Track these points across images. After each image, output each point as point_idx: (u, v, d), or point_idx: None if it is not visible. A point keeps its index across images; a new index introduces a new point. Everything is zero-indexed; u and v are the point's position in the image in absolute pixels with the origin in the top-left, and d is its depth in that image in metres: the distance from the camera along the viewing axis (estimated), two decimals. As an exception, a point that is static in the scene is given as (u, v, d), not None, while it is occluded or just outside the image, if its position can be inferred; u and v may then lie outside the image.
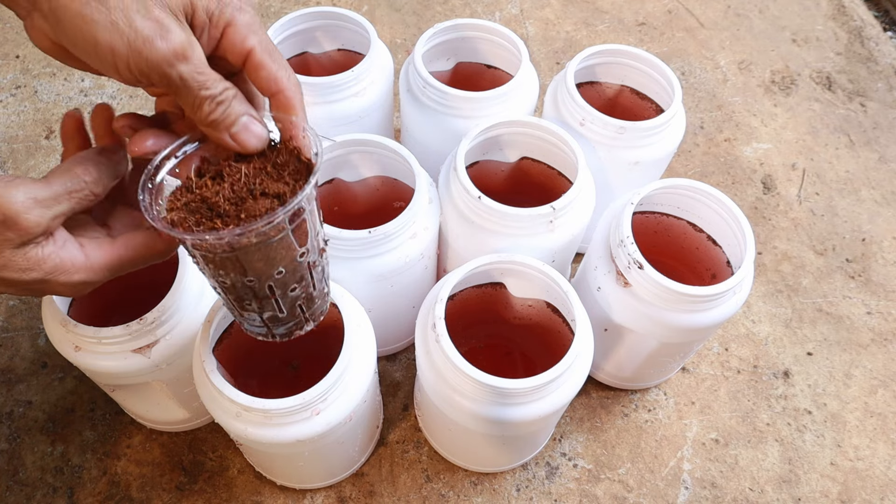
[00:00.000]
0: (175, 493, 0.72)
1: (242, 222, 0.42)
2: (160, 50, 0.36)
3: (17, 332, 0.83)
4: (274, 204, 0.44)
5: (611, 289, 0.65)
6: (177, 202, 0.45)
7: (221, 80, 0.39)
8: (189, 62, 0.37)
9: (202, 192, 0.44)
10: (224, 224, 0.42)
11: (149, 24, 0.35)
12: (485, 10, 1.21)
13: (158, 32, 0.36)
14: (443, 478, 0.74)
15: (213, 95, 0.39)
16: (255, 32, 0.40)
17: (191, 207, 0.44)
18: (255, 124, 0.42)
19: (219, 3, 0.39)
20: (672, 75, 0.75)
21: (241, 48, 0.40)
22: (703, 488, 0.74)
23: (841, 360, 0.84)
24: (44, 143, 1.00)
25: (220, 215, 0.43)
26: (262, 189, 0.45)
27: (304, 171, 0.46)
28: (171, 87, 0.38)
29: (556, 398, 0.57)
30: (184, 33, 0.37)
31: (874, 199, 0.99)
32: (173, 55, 0.36)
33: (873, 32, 1.21)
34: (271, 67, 0.41)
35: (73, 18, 0.35)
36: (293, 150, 0.46)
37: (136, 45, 0.35)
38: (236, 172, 0.45)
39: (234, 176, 0.45)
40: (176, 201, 0.45)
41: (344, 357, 0.54)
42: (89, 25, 0.35)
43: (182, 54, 0.36)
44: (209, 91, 0.39)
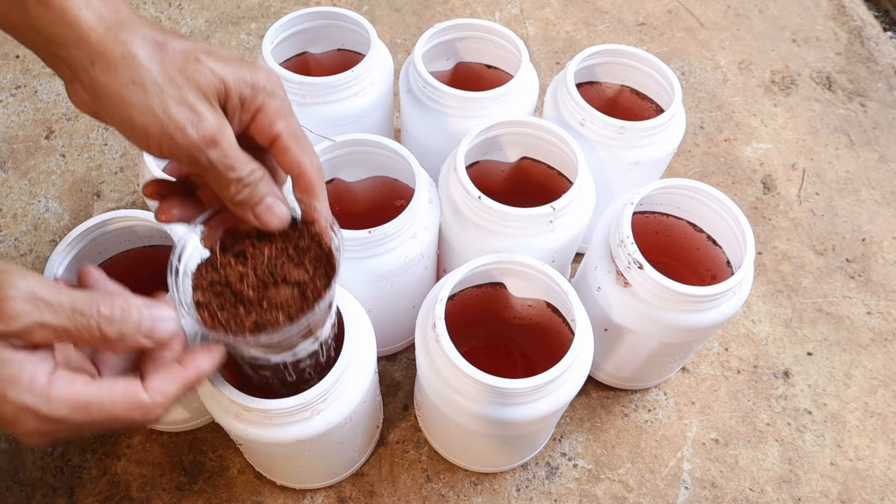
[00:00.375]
0: (175, 493, 0.72)
1: (264, 311, 0.45)
2: (191, 137, 0.37)
3: (17, 332, 0.82)
4: (295, 294, 0.47)
5: (611, 289, 0.65)
6: (202, 280, 0.47)
7: (249, 162, 0.41)
8: (217, 148, 0.39)
9: (227, 272, 0.47)
10: (247, 312, 0.45)
11: (182, 111, 0.37)
12: (485, 10, 1.21)
13: (190, 119, 0.37)
14: (443, 478, 0.74)
15: (241, 178, 0.41)
16: (283, 118, 0.42)
17: (216, 290, 0.47)
18: (279, 205, 0.44)
19: (252, 89, 0.40)
20: (672, 75, 0.75)
21: (268, 132, 0.42)
22: (703, 488, 0.74)
23: (841, 360, 0.84)
24: (44, 143, 1.00)
25: (244, 302, 0.46)
26: (283, 275, 0.48)
27: (325, 259, 0.49)
28: (201, 168, 0.40)
29: (556, 398, 0.57)
30: (215, 119, 0.39)
31: (874, 199, 0.99)
32: (203, 142, 0.38)
33: (873, 32, 1.21)
34: (295, 152, 0.43)
35: (111, 97, 0.37)
36: (314, 235, 0.49)
37: (168, 129, 0.37)
38: (259, 255, 0.48)
39: (257, 259, 0.48)
40: (202, 279, 0.47)
41: (344, 357, 0.54)
42: (126, 106, 0.37)
43: (211, 140, 0.38)
44: (236, 174, 0.40)
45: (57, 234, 0.91)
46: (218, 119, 0.39)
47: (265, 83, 0.41)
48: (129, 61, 0.37)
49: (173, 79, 0.37)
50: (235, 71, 0.40)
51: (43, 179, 0.96)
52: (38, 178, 0.96)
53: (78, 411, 0.36)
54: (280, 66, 0.73)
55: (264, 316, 0.46)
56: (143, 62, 0.37)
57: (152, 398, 0.39)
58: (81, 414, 0.36)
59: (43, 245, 0.90)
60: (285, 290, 0.48)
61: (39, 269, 0.87)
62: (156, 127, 0.37)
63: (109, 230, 0.64)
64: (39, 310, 0.35)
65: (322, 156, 0.68)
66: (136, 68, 0.37)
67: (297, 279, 0.48)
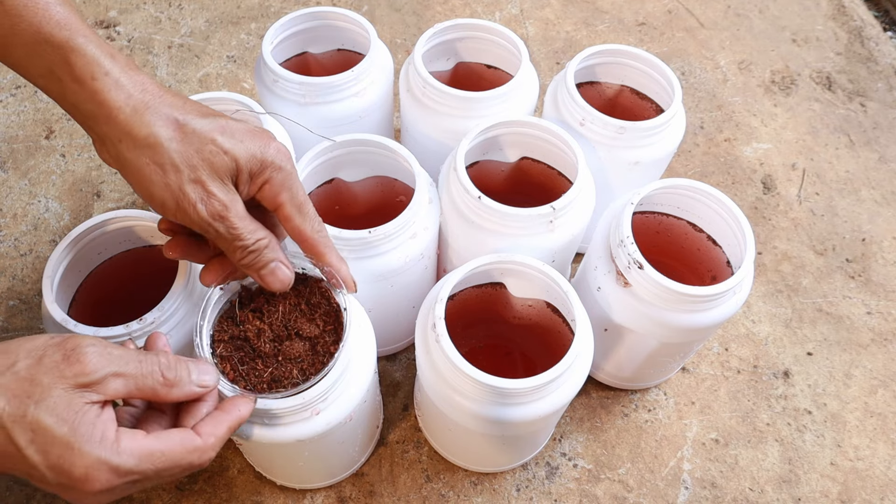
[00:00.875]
0: (175, 493, 0.72)
1: (280, 364, 0.52)
2: (201, 213, 0.43)
3: (17, 333, 0.83)
4: (306, 348, 0.54)
5: (611, 289, 0.65)
6: (224, 334, 0.54)
7: (255, 232, 0.46)
8: (225, 221, 0.44)
9: (245, 328, 0.54)
10: (264, 365, 0.52)
11: (195, 190, 0.42)
12: (485, 10, 1.21)
13: (202, 197, 0.43)
14: (443, 478, 0.74)
15: (246, 246, 0.46)
16: (287, 189, 0.47)
17: (236, 344, 0.53)
18: (281, 270, 0.50)
19: (261, 164, 0.45)
20: (672, 75, 0.75)
21: (273, 202, 0.47)
22: (703, 488, 0.74)
23: (841, 360, 0.84)
24: (44, 143, 1.00)
25: (261, 356, 0.53)
26: (296, 329, 0.54)
27: (334, 315, 0.55)
28: (211, 236, 0.45)
29: (556, 398, 0.57)
30: (225, 196, 0.44)
31: (874, 199, 0.99)
32: (211, 217, 0.43)
33: (873, 32, 1.21)
34: (296, 220, 0.48)
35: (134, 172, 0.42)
36: (325, 291, 0.55)
37: (182, 205, 0.43)
38: (274, 311, 0.55)
39: (273, 315, 0.55)
40: (223, 333, 0.54)
41: (344, 357, 0.54)
42: (146, 181, 0.42)
43: (219, 216, 0.44)
44: (242, 242, 0.46)
45: (57, 234, 0.91)
46: (228, 196, 0.44)
47: (273, 157, 0.46)
48: (152, 143, 0.41)
49: (189, 160, 0.42)
50: (248, 148, 0.44)
51: (43, 179, 0.96)
52: (38, 178, 0.96)
53: (145, 461, 0.39)
54: (280, 66, 0.73)
55: (279, 369, 0.52)
56: (165, 144, 0.41)
57: (205, 441, 0.43)
58: (148, 463, 0.39)
59: (43, 245, 0.90)
60: (298, 345, 0.54)
61: (39, 270, 0.87)
62: (172, 202, 0.42)
63: (109, 230, 0.64)
64: (112, 362, 0.39)
65: (322, 156, 0.68)
66: (158, 150, 0.41)
67: (310, 334, 0.54)
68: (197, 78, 1.09)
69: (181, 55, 1.11)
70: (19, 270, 0.88)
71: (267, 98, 0.76)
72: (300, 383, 0.52)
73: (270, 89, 0.74)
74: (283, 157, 0.46)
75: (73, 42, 0.41)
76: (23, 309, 0.84)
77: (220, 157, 0.43)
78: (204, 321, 0.53)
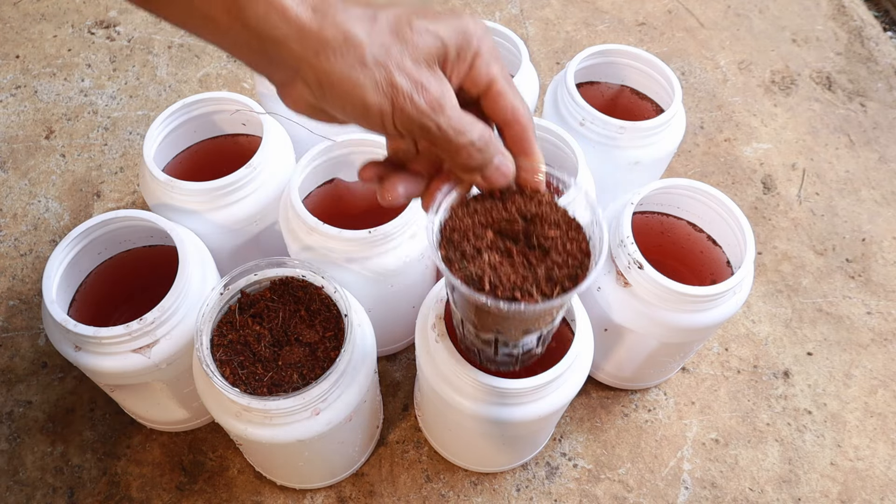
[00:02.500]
0: (175, 493, 0.72)
1: (279, 368, 0.53)
2: (419, 104, 0.38)
3: (17, 332, 0.83)
4: (306, 353, 0.54)
5: (611, 289, 0.65)
6: (223, 338, 0.54)
7: (475, 123, 0.41)
8: (444, 112, 0.39)
9: (245, 333, 0.54)
10: (264, 370, 0.53)
11: (406, 81, 0.38)
12: (485, 10, 1.21)
13: (414, 87, 0.38)
14: (443, 478, 0.74)
15: (472, 141, 0.41)
16: (496, 60, 0.42)
17: (236, 348, 0.54)
18: (505, 164, 0.44)
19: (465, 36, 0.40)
20: (672, 75, 0.75)
21: (485, 77, 0.42)
22: (703, 488, 0.74)
23: (841, 360, 0.84)
24: (44, 143, 1.00)
25: (261, 360, 0.53)
26: (296, 335, 0.54)
27: (334, 321, 0.55)
28: (431, 137, 0.40)
29: (556, 398, 0.57)
30: (438, 84, 0.39)
31: (874, 199, 0.99)
32: (430, 108, 0.39)
33: (873, 32, 1.21)
34: (509, 95, 0.42)
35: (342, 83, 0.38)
36: (325, 298, 0.56)
37: (398, 101, 0.38)
38: (274, 318, 0.55)
39: (272, 321, 0.55)
40: (223, 337, 0.54)
41: (344, 357, 0.54)
42: (359, 89, 0.38)
43: (439, 106, 0.39)
44: (465, 138, 0.40)
45: (57, 234, 0.91)
46: (440, 83, 0.39)
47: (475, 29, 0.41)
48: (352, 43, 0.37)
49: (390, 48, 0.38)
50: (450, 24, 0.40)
51: (43, 179, 0.96)
52: (38, 178, 0.96)
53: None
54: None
55: (279, 374, 0.53)
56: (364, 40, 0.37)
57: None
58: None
59: (43, 245, 0.90)
60: (298, 350, 0.54)
61: (39, 270, 0.87)
62: (387, 103, 0.38)
63: (109, 230, 0.64)
64: None
65: (322, 156, 0.68)
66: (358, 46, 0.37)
67: (309, 340, 0.54)
68: (197, 78, 1.09)
69: (181, 55, 1.11)
70: (19, 270, 0.88)
71: (267, 98, 0.76)
72: (300, 387, 0.52)
73: (270, 90, 0.75)
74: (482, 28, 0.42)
75: None
76: (23, 309, 0.84)
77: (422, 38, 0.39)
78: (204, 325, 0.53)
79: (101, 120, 1.03)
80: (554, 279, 0.45)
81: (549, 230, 0.46)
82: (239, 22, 0.37)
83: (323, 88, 0.38)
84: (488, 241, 0.46)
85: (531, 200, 0.46)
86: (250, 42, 0.38)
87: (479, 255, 0.45)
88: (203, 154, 0.77)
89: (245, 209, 0.68)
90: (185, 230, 0.65)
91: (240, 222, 0.68)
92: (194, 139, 0.76)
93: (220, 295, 0.55)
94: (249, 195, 0.68)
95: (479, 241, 0.45)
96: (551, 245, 0.46)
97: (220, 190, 0.65)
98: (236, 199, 0.67)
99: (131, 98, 1.06)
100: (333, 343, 0.55)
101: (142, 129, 1.02)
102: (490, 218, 0.46)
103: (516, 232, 0.47)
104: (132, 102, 1.05)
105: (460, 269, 0.45)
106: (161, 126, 0.70)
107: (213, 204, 0.66)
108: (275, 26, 0.37)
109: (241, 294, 0.56)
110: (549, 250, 0.46)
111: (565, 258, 0.45)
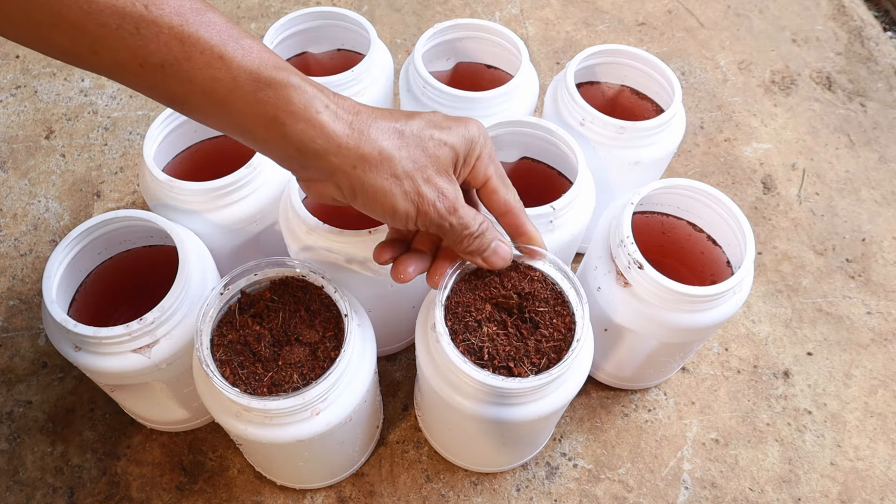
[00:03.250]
0: (175, 493, 0.72)
1: (279, 368, 0.53)
2: (441, 210, 0.45)
3: (17, 332, 0.83)
4: (306, 353, 0.54)
5: (611, 289, 0.65)
6: (223, 338, 0.54)
7: (475, 217, 0.48)
8: (457, 213, 0.46)
9: (245, 333, 0.54)
10: (264, 370, 0.53)
11: (431, 190, 0.44)
12: (485, 10, 1.21)
13: (437, 196, 0.44)
14: (443, 478, 0.74)
15: (472, 233, 0.48)
16: (493, 162, 0.49)
17: (236, 349, 0.54)
18: (502, 248, 0.51)
19: (470, 144, 0.47)
20: (672, 75, 0.75)
21: (482, 176, 0.49)
22: (703, 488, 0.74)
23: (841, 360, 0.84)
24: (44, 143, 1.00)
25: (261, 360, 0.54)
26: (296, 335, 0.55)
27: (334, 321, 0.56)
28: (442, 231, 0.47)
29: (556, 398, 0.57)
30: (453, 190, 0.46)
31: (874, 199, 0.99)
32: (447, 212, 0.45)
33: (873, 32, 1.21)
34: (502, 191, 0.50)
35: (373, 192, 0.43)
36: (325, 298, 0.57)
37: (423, 208, 0.44)
38: (274, 318, 0.55)
39: (272, 321, 0.55)
40: (223, 337, 0.54)
41: (344, 357, 0.54)
42: (388, 197, 0.43)
43: (453, 209, 0.45)
44: (469, 231, 0.47)
45: (57, 234, 0.91)
46: (454, 189, 0.46)
47: (477, 134, 0.47)
48: (384, 156, 0.42)
49: (418, 162, 0.44)
50: (458, 133, 0.46)
51: (43, 179, 0.96)
52: (38, 178, 0.96)
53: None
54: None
55: (279, 374, 0.53)
56: (395, 154, 0.43)
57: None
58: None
59: (43, 245, 0.90)
60: (298, 350, 0.54)
61: (39, 270, 0.87)
62: (413, 209, 0.44)
63: (109, 230, 0.64)
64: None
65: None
66: (392, 162, 0.43)
67: (310, 340, 0.55)
68: (197, 78, 1.09)
69: (181, 55, 1.11)
70: (19, 270, 0.88)
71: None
72: (300, 388, 0.52)
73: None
74: (483, 133, 0.48)
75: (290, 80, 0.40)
76: (23, 309, 0.84)
77: (442, 150, 0.45)
78: (204, 325, 0.53)
79: (101, 120, 1.03)
80: (541, 351, 0.52)
81: (540, 306, 0.54)
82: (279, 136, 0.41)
83: (356, 193, 0.44)
84: (487, 313, 0.53)
85: (525, 278, 0.54)
86: (288, 152, 0.42)
87: (479, 328, 0.53)
88: (203, 154, 0.77)
89: (245, 209, 0.68)
90: (185, 230, 0.65)
91: (240, 222, 0.68)
92: (194, 139, 0.76)
93: (220, 295, 0.55)
94: (249, 195, 0.68)
95: (480, 314, 0.53)
96: (540, 319, 0.54)
97: (220, 190, 0.65)
98: (236, 199, 0.67)
99: (131, 98, 1.06)
100: (333, 343, 0.55)
101: (142, 129, 1.02)
102: (489, 293, 0.54)
103: (511, 306, 0.54)
104: (132, 102, 1.05)
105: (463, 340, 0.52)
106: (161, 126, 0.70)
107: (213, 204, 0.66)
108: (314, 141, 0.41)
109: (241, 294, 0.57)
110: (538, 324, 0.53)
111: (552, 332, 0.53)
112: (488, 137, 0.48)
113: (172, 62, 0.37)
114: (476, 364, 0.51)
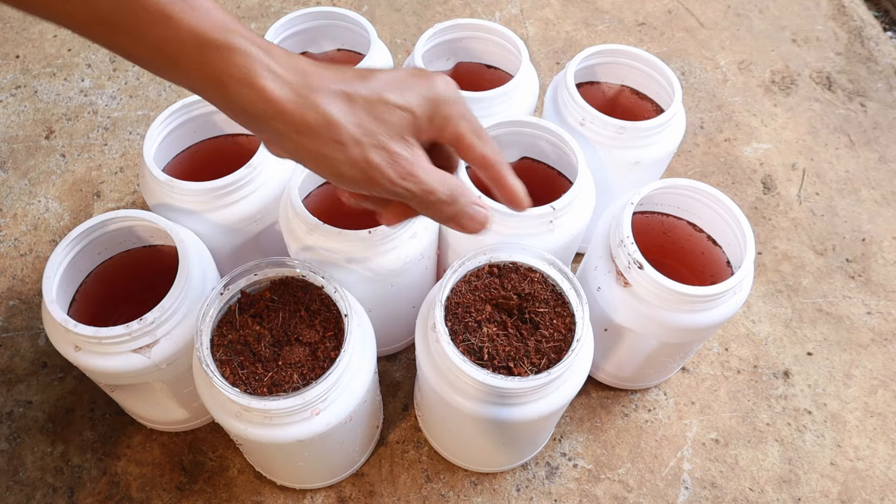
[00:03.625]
0: (175, 493, 0.72)
1: (279, 368, 0.53)
2: (391, 176, 0.43)
3: (17, 332, 0.83)
4: (306, 353, 0.54)
5: (611, 289, 0.65)
6: (223, 338, 0.54)
7: (444, 181, 0.45)
8: (414, 178, 0.43)
9: (245, 333, 0.54)
10: (265, 370, 0.53)
11: (380, 155, 0.42)
12: (485, 10, 1.21)
13: (387, 161, 0.42)
14: (443, 478, 0.74)
15: (440, 198, 0.45)
16: (464, 118, 0.46)
17: (236, 349, 0.54)
18: (480, 212, 0.48)
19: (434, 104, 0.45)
20: (672, 75, 0.75)
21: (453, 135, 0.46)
22: (703, 488, 0.74)
23: (841, 360, 0.84)
24: (44, 143, 1.00)
25: (261, 360, 0.53)
26: (296, 335, 0.55)
27: (334, 321, 0.56)
28: (402, 198, 0.45)
29: (556, 398, 0.57)
30: (408, 153, 0.43)
31: (874, 199, 0.99)
32: (400, 177, 0.43)
33: (873, 32, 1.21)
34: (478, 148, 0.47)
35: (318, 157, 0.42)
36: (325, 298, 0.57)
37: (371, 174, 0.42)
38: (274, 318, 0.55)
39: (272, 321, 0.55)
40: (223, 337, 0.54)
41: (344, 357, 0.54)
42: (333, 163, 0.42)
43: (408, 174, 0.43)
44: (435, 195, 0.45)
45: (57, 234, 0.91)
46: (411, 152, 0.43)
47: (443, 92, 0.45)
48: (328, 122, 0.41)
49: (366, 128, 0.42)
50: (418, 94, 0.44)
51: (43, 179, 0.96)
52: (38, 178, 0.96)
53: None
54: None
55: (279, 374, 0.53)
56: (339, 120, 0.41)
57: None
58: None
59: (43, 245, 0.90)
60: (298, 350, 0.54)
61: (39, 270, 0.87)
62: (361, 175, 0.42)
63: (109, 230, 0.64)
64: None
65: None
66: (335, 128, 0.41)
67: (310, 340, 0.55)
68: (197, 78, 1.09)
69: (181, 55, 1.11)
70: (19, 270, 0.88)
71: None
72: (300, 388, 0.52)
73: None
74: (451, 88, 0.46)
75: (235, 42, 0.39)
76: (23, 309, 0.84)
77: (395, 114, 0.43)
78: (204, 325, 0.53)
79: (101, 120, 1.03)
80: (541, 351, 0.53)
81: (540, 307, 0.54)
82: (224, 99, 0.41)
83: (302, 159, 0.43)
84: (487, 314, 0.53)
85: (525, 279, 0.55)
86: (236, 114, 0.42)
87: (479, 328, 0.53)
88: (203, 154, 0.77)
89: (245, 209, 0.68)
90: (185, 230, 0.65)
91: (240, 222, 0.68)
92: (194, 139, 0.76)
93: (220, 295, 0.55)
94: (249, 195, 0.68)
95: (480, 315, 0.53)
96: (540, 320, 0.54)
97: (220, 190, 0.65)
98: (236, 199, 0.67)
99: (131, 98, 1.06)
100: (333, 343, 0.55)
101: (142, 129, 1.02)
102: (489, 294, 0.54)
103: (511, 307, 0.55)
104: (132, 102, 1.05)
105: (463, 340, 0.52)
106: (161, 126, 0.70)
107: (213, 204, 0.66)
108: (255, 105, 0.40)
109: (241, 294, 0.57)
110: (538, 325, 0.54)
111: (552, 332, 0.54)
112: (456, 91, 0.46)
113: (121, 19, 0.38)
114: (476, 364, 0.51)
